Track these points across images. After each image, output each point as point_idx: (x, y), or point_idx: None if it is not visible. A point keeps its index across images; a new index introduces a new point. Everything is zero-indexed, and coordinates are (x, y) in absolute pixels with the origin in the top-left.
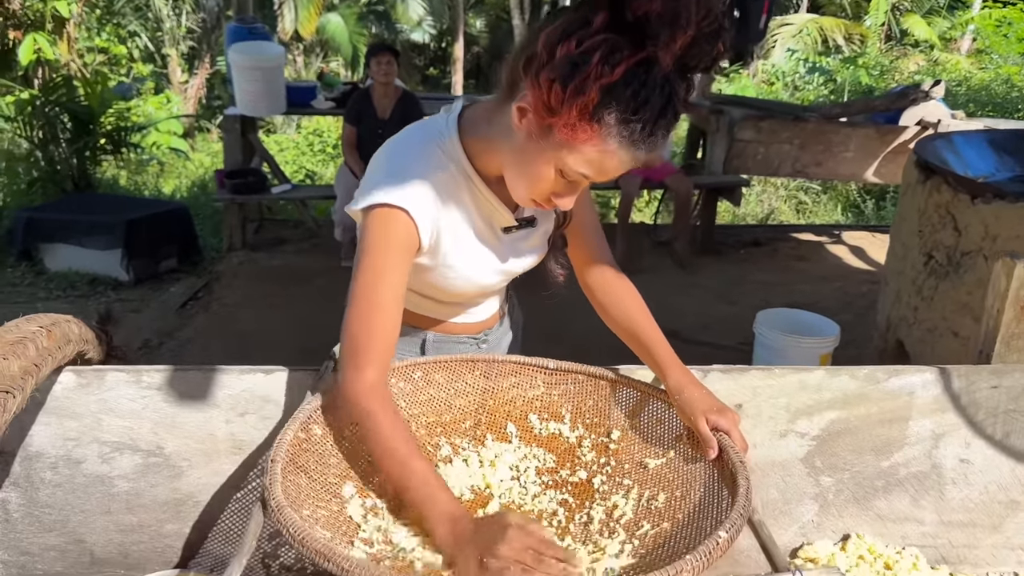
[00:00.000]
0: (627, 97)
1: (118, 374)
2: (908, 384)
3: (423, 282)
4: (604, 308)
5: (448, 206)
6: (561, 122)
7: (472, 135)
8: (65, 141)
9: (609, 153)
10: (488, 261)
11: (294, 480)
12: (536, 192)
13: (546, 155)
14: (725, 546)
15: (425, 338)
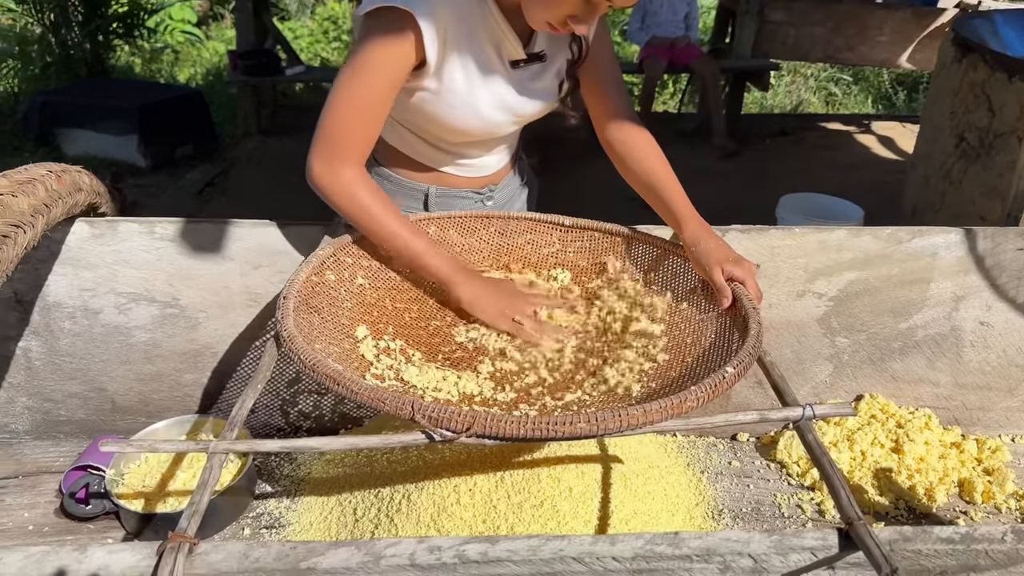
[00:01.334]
0: None
1: (131, 225)
2: (931, 244)
3: (425, 116)
4: (622, 161)
5: (459, 23)
6: None
7: None
8: (77, 24)
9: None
10: (495, 94)
11: (307, 318)
12: (551, 14)
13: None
14: (732, 380)
15: (428, 192)
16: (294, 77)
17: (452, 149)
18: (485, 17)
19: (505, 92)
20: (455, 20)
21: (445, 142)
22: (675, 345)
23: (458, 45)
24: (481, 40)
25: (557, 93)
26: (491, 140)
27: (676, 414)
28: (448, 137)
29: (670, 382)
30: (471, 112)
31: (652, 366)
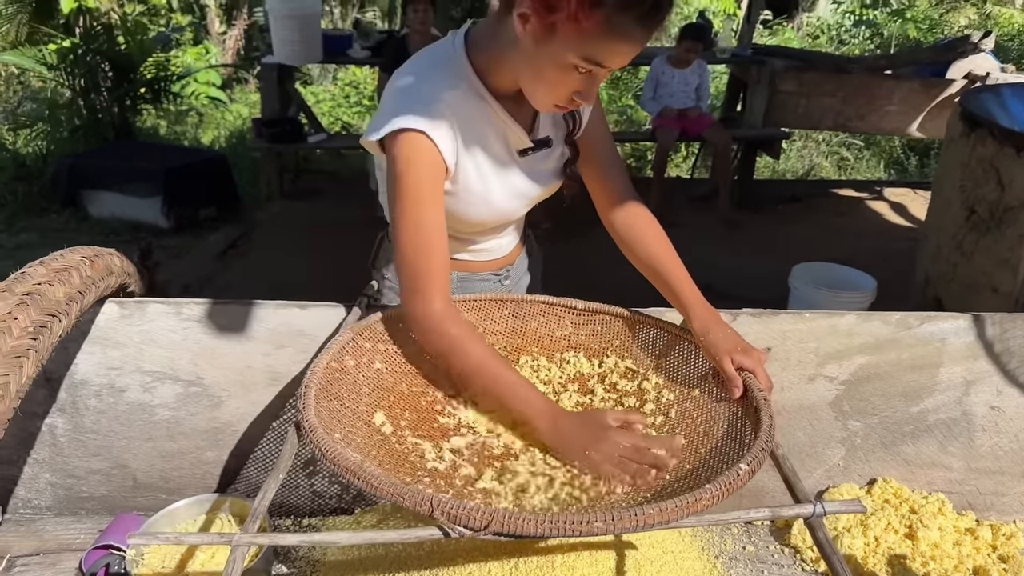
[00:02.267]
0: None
1: (159, 306)
2: (940, 330)
3: (449, 214)
4: (626, 244)
5: (465, 126)
6: (563, 16)
7: (479, 52)
8: (106, 89)
9: (616, 37)
10: (507, 184)
11: (327, 405)
12: (557, 96)
13: (557, 55)
14: (746, 477)
15: (451, 278)
16: (316, 144)
17: (466, 238)
18: (488, 114)
19: (517, 180)
20: (462, 123)
21: (460, 232)
22: (688, 434)
23: (468, 146)
24: (488, 137)
25: (560, 176)
26: (505, 226)
27: (691, 512)
28: (463, 228)
29: (684, 475)
30: (486, 206)
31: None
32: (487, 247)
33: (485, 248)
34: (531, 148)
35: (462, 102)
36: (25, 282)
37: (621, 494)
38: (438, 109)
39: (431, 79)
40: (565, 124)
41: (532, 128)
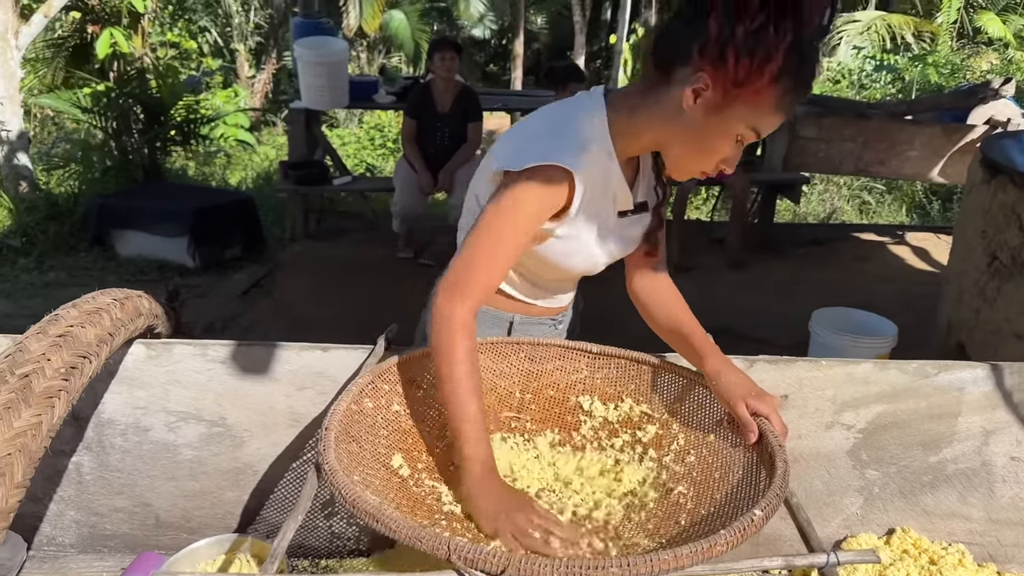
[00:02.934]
0: (796, 59)
1: (185, 347)
2: (958, 379)
3: (540, 258)
4: (647, 308)
5: (595, 179)
6: (749, 90)
7: (617, 114)
8: (137, 132)
9: (783, 110)
10: (605, 241)
11: (346, 448)
12: (708, 164)
13: (727, 125)
14: (760, 523)
15: (512, 320)
16: (341, 187)
17: (547, 285)
18: (610, 172)
19: (612, 239)
20: (595, 175)
21: (543, 279)
22: (703, 479)
23: (592, 198)
24: (607, 193)
25: (645, 236)
26: (578, 279)
27: (705, 558)
28: (551, 276)
29: (699, 520)
30: (584, 258)
31: (681, 496)
32: (560, 297)
33: (557, 297)
34: (631, 211)
35: (598, 157)
36: (58, 324)
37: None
38: (586, 157)
39: (582, 127)
40: (656, 195)
41: (633, 193)
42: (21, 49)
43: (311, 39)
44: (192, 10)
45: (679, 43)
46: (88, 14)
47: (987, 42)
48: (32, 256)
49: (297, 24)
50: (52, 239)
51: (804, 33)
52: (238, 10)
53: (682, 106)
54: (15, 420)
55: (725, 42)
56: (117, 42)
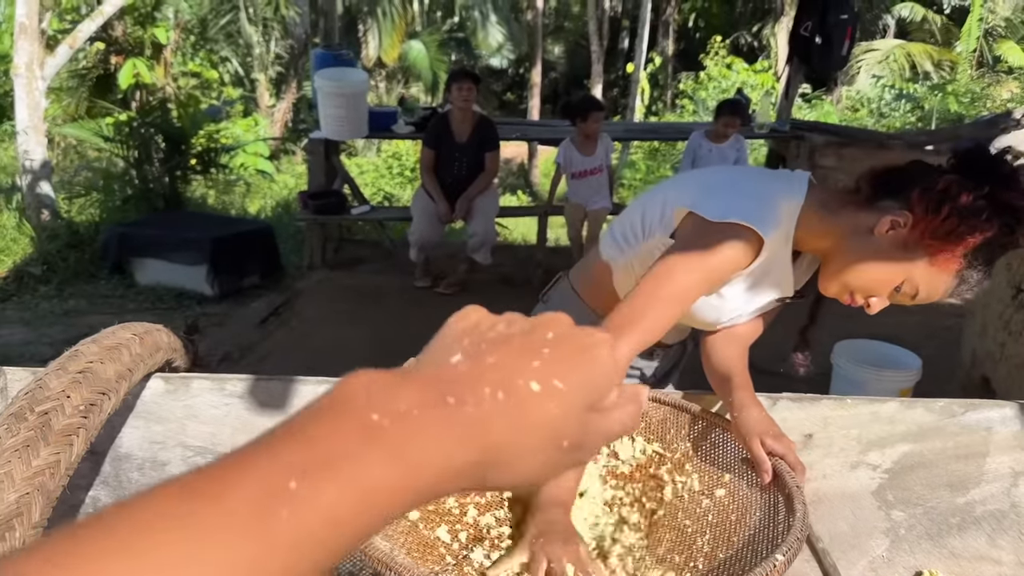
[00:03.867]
0: (995, 248)
1: (203, 381)
2: (986, 419)
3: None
4: (707, 355)
5: (772, 260)
6: (938, 247)
7: (815, 212)
8: (158, 161)
9: (956, 283)
10: (746, 310)
11: None
12: (864, 288)
13: (906, 268)
14: (782, 568)
15: None
16: (360, 216)
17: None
18: (781, 256)
19: (754, 310)
20: (773, 258)
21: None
22: (719, 522)
23: (763, 271)
24: (770, 275)
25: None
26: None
27: None
28: (687, 323)
29: (717, 564)
30: (728, 316)
31: (697, 539)
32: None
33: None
34: (790, 299)
35: (780, 236)
36: (78, 360)
37: None
38: (776, 229)
39: (780, 200)
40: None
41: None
42: (46, 80)
43: (331, 70)
44: (214, 40)
45: (905, 181)
46: (112, 45)
47: (1007, 71)
48: (52, 284)
49: (317, 55)
50: (72, 267)
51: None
52: (259, 40)
53: (872, 230)
54: (33, 459)
55: (946, 199)
56: (140, 72)
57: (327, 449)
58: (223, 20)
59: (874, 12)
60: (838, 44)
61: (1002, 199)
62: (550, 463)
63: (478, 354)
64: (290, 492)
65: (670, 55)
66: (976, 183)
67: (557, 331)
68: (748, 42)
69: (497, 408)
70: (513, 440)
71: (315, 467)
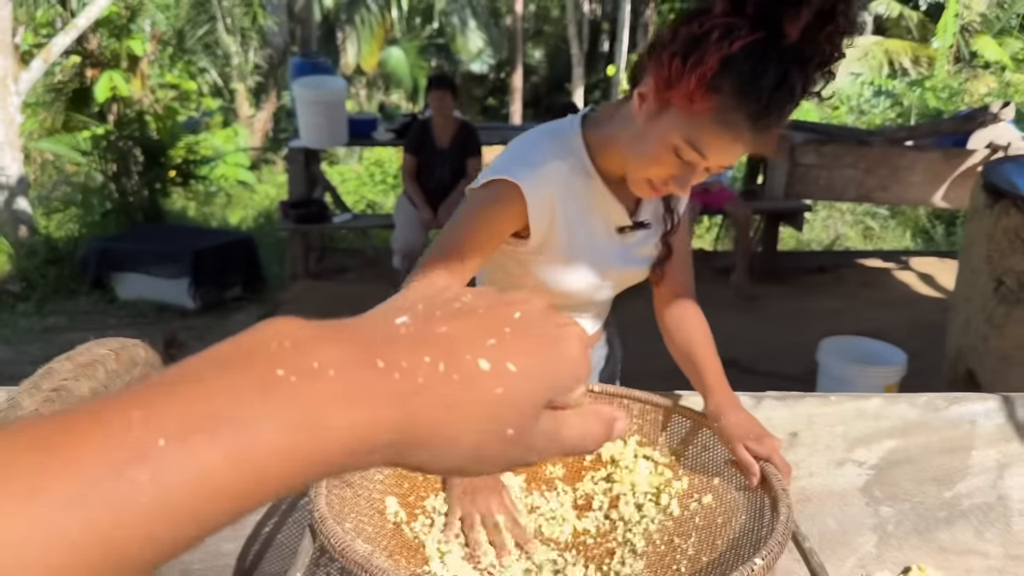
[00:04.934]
0: (744, 70)
1: None
2: (970, 412)
3: (534, 278)
4: (667, 334)
5: (565, 197)
6: (680, 93)
7: (595, 132)
8: (137, 174)
9: (723, 127)
10: (599, 259)
11: (339, 493)
12: (653, 174)
13: (664, 133)
14: (760, 573)
15: None
16: (342, 224)
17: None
18: (591, 188)
19: (610, 258)
20: (563, 194)
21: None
22: (706, 525)
23: (566, 217)
24: (589, 211)
25: (654, 266)
26: (586, 304)
27: None
28: (553, 300)
29: (700, 568)
30: (576, 276)
31: (683, 542)
32: None
33: None
34: (629, 227)
35: (568, 174)
36: (52, 378)
37: None
38: (540, 174)
39: (542, 147)
40: (664, 223)
41: (635, 212)
42: (21, 94)
43: (309, 78)
44: (191, 51)
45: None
46: (87, 58)
47: (984, 65)
48: (32, 301)
49: (295, 64)
50: (52, 283)
51: (772, 47)
52: (237, 50)
53: (631, 114)
54: None
55: (666, 42)
56: (116, 85)
57: (213, 404)
58: (200, 31)
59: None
60: None
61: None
62: (488, 453)
63: (429, 320)
64: (157, 451)
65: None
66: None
67: (526, 313)
68: None
69: (433, 380)
70: (445, 419)
71: (193, 425)
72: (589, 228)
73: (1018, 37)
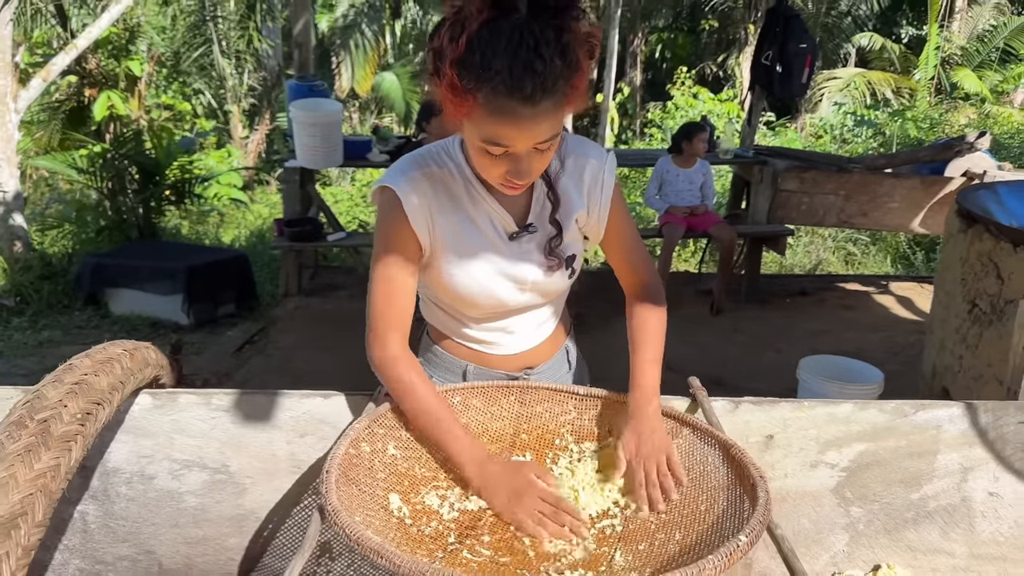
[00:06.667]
0: (476, 62)
1: (190, 396)
2: (935, 418)
3: (440, 288)
4: (627, 314)
5: (445, 202)
6: (449, 107)
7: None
8: (132, 192)
9: (498, 115)
10: (495, 265)
11: (346, 490)
12: (492, 174)
13: (471, 141)
14: (745, 548)
15: (466, 368)
16: (336, 243)
17: (468, 321)
18: (473, 196)
19: (505, 263)
20: (440, 199)
21: (465, 316)
22: (690, 512)
23: (448, 222)
24: (473, 217)
25: (562, 262)
26: (509, 313)
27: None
28: (464, 310)
29: (688, 548)
30: (472, 281)
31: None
32: (494, 339)
33: (492, 341)
34: (517, 232)
35: (447, 180)
36: (73, 372)
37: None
38: (415, 178)
39: (422, 156)
40: (550, 203)
41: (527, 214)
42: (19, 112)
43: (306, 101)
44: (187, 73)
45: None
46: (85, 78)
47: (964, 97)
48: (26, 315)
49: (292, 86)
50: (46, 298)
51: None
52: (232, 72)
53: None
54: (35, 462)
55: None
56: (114, 104)
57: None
58: (196, 53)
59: (835, 42)
60: (798, 72)
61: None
62: None
63: None
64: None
65: (638, 85)
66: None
67: None
68: (713, 72)
69: None
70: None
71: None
72: (478, 232)
73: (997, 70)
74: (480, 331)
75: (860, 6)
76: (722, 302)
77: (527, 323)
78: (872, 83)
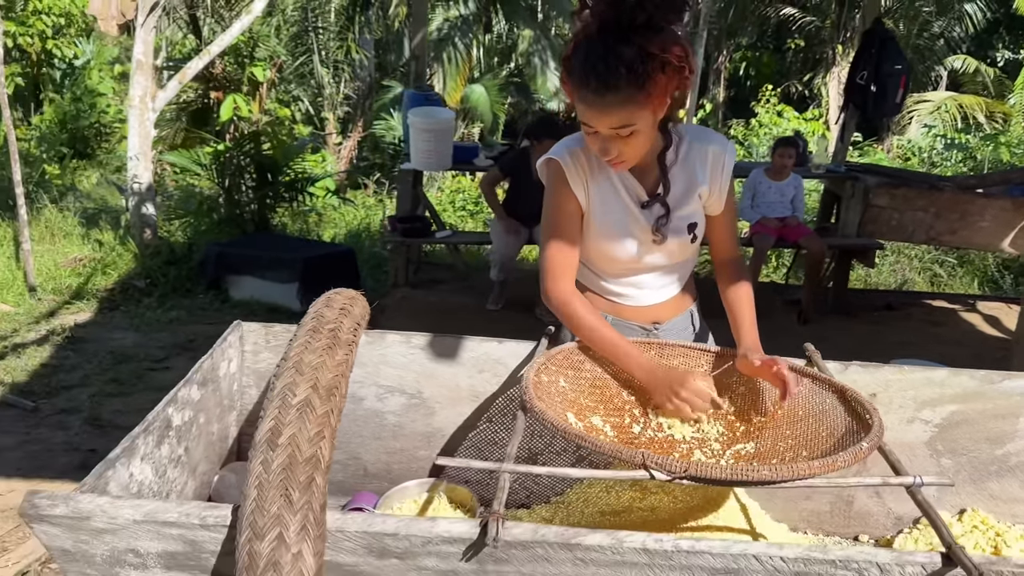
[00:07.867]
0: (570, 62)
1: (394, 336)
2: (1020, 387)
3: (586, 241)
4: (720, 289)
5: (595, 172)
6: (567, 92)
7: None
8: (251, 188)
9: (577, 99)
10: (628, 226)
11: (538, 405)
12: (593, 149)
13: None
14: (867, 451)
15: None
16: (442, 239)
17: (611, 278)
18: (609, 168)
19: (637, 227)
20: (593, 168)
21: (604, 271)
22: (814, 436)
23: (598, 187)
24: (614, 184)
25: (691, 233)
26: (640, 270)
27: (830, 470)
28: (603, 265)
29: (816, 456)
30: (608, 240)
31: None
32: (626, 292)
33: (624, 293)
34: (648, 201)
35: (592, 156)
36: (323, 320)
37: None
38: (575, 151)
39: (579, 139)
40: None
41: (656, 189)
42: (156, 111)
43: (422, 108)
44: (287, 80)
45: None
46: (211, 81)
47: None
48: (155, 296)
49: (410, 95)
50: (172, 282)
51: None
52: (329, 81)
53: None
54: (336, 355)
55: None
56: (239, 107)
57: None
58: (297, 62)
59: (926, 64)
60: (892, 92)
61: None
62: None
63: None
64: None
65: (721, 102)
66: None
67: None
68: (799, 91)
69: None
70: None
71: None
72: (620, 198)
73: None
74: (615, 284)
75: (954, 28)
76: (809, 312)
77: (654, 281)
78: (964, 107)
